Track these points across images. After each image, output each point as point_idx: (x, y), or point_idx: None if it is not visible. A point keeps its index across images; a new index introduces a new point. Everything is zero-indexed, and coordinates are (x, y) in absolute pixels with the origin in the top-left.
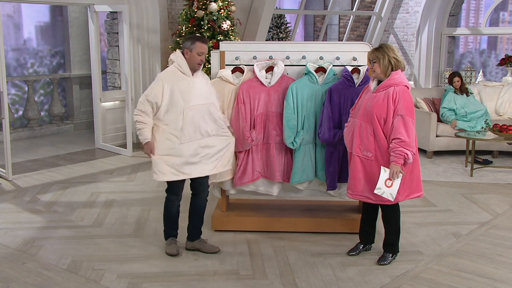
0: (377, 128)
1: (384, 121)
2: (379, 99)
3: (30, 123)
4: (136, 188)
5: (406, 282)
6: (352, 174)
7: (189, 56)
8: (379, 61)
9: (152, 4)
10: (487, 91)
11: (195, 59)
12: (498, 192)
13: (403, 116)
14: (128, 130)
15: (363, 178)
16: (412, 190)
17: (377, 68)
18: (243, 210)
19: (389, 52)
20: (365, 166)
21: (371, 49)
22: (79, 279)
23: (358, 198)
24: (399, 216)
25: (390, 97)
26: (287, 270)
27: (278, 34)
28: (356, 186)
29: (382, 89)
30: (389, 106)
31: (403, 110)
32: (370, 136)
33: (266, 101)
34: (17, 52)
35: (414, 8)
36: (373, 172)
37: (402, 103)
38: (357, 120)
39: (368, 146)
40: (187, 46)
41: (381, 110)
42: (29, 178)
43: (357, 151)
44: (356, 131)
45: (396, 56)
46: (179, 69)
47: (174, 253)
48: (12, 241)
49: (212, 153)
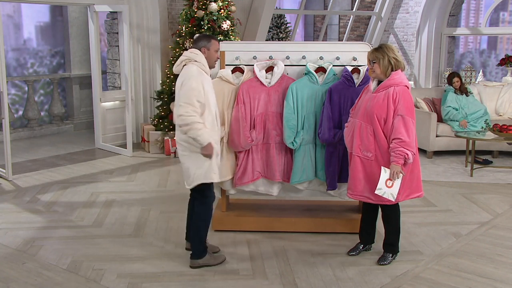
0: (377, 128)
1: (384, 121)
2: (379, 99)
3: (30, 123)
4: (136, 188)
5: (406, 282)
6: (352, 174)
7: (207, 54)
8: (379, 61)
9: (152, 4)
10: (487, 91)
11: (213, 56)
12: (498, 192)
13: (403, 116)
14: (128, 130)
15: (363, 178)
16: (412, 190)
17: (377, 68)
18: (243, 210)
19: (389, 52)
20: (365, 166)
21: (371, 50)
22: (79, 279)
23: (358, 198)
24: (399, 216)
25: (390, 97)
26: (287, 270)
27: (278, 34)
28: (356, 186)
29: (382, 89)
30: (389, 106)
31: (403, 110)
32: (370, 136)
33: (266, 101)
34: (17, 52)
35: (414, 8)
36: (373, 172)
37: (402, 103)
38: (357, 120)
39: (368, 146)
40: (203, 45)
41: (381, 110)
42: (29, 178)
43: (357, 151)
44: (356, 131)
45: (396, 56)
46: (203, 69)
47: (224, 258)
48: (12, 241)
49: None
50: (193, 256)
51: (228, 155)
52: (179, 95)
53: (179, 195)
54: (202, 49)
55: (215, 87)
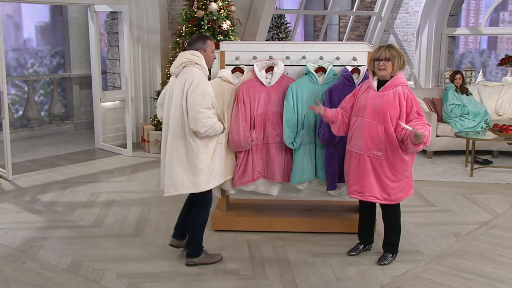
0: (389, 127)
1: (397, 119)
2: (389, 98)
3: (30, 123)
4: (136, 188)
5: (406, 282)
6: (362, 174)
7: (205, 56)
8: (395, 60)
9: (152, 4)
10: (487, 91)
11: (211, 57)
12: (498, 192)
13: (420, 112)
14: (128, 130)
15: (373, 177)
16: (409, 188)
17: (390, 67)
18: (243, 210)
19: (402, 53)
20: (374, 165)
21: (384, 47)
22: (79, 279)
23: (367, 198)
24: (400, 216)
25: (402, 95)
26: (287, 270)
27: (278, 34)
28: (365, 186)
29: (389, 88)
30: (401, 104)
31: (418, 107)
32: (381, 135)
33: (266, 101)
34: (17, 52)
35: (414, 8)
36: (383, 172)
37: (414, 101)
38: (364, 120)
39: (379, 145)
40: (200, 47)
41: (394, 109)
42: (29, 178)
43: (366, 151)
44: (365, 130)
45: (405, 59)
46: (204, 72)
47: (221, 257)
48: (12, 241)
49: None
50: (189, 255)
51: (228, 155)
52: (194, 100)
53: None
54: (199, 51)
55: (215, 87)
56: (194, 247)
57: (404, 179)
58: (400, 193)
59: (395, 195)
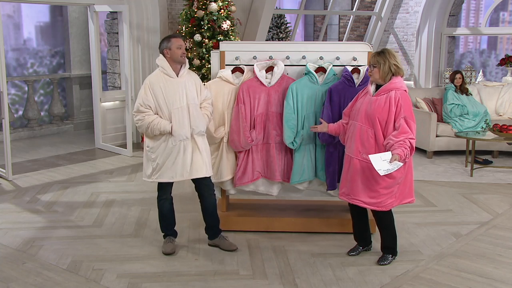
0: (378, 131)
1: (386, 124)
2: (380, 103)
3: (30, 123)
4: (136, 188)
5: (406, 282)
6: (350, 177)
7: (171, 54)
8: (379, 66)
9: (152, 4)
10: (487, 91)
11: (176, 53)
12: (498, 192)
13: (407, 118)
14: (128, 130)
15: (360, 181)
16: (404, 195)
17: (376, 73)
18: (243, 210)
19: (390, 59)
20: (363, 169)
21: (373, 53)
22: (79, 279)
23: (353, 201)
24: (393, 221)
25: (393, 100)
26: (287, 270)
27: (278, 34)
28: (353, 189)
29: (383, 92)
30: (390, 109)
31: (407, 113)
32: (371, 139)
33: (266, 101)
34: (17, 52)
35: (414, 8)
36: (371, 175)
37: (404, 106)
38: (357, 123)
39: (368, 149)
40: (165, 47)
41: (383, 113)
42: (29, 178)
43: (356, 154)
44: (356, 134)
45: (397, 63)
46: (163, 72)
47: (168, 251)
48: (12, 241)
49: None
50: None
51: (228, 155)
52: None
53: (179, 195)
54: (165, 51)
55: (215, 87)
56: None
57: (395, 185)
58: (390, 199)
59: (385, 201)
